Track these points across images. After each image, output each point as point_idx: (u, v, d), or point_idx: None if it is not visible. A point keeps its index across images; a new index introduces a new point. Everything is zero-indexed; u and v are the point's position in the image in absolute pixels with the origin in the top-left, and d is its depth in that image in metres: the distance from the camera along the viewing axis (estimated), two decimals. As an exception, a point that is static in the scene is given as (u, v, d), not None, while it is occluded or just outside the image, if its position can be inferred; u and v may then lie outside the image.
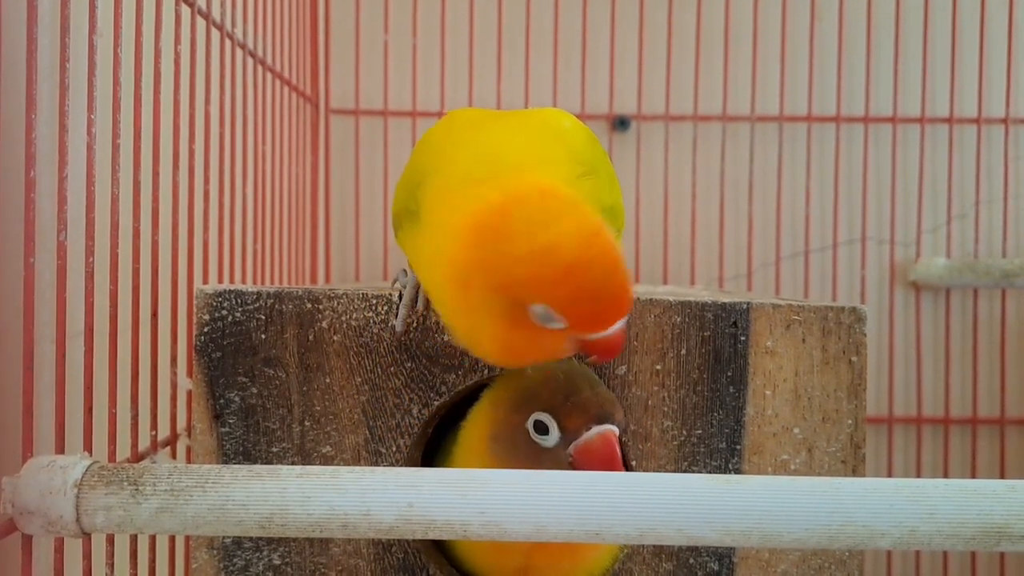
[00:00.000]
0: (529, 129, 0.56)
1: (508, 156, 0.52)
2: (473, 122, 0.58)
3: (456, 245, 0.47)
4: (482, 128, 0.56)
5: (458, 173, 0.51)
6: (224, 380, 0.56)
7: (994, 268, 1.10)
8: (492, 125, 0.57)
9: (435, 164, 0.53)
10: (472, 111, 0.63)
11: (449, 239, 0.48)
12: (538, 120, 0.57)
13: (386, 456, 0.57)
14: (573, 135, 0.55)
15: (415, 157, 0.58)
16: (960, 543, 0.40)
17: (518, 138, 0.54)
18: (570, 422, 0.52)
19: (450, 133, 0.57)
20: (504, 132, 0.56)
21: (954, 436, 1.15)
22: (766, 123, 1.14)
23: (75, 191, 0.49)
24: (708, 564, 0.58)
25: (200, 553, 0.57)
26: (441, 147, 0.55)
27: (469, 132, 0.56)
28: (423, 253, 0.52)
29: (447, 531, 0.41)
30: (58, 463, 0.42)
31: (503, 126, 0.57)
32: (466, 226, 0.47)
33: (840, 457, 0.58)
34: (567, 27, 1.14)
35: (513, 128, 0.56)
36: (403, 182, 0.58)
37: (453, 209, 0.48)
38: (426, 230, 0.51)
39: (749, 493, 0.40)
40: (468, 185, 0.49)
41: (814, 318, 0.57)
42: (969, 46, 1.14)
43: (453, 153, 0.53)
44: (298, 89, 1.00)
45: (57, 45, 0.48)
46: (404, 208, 0.56)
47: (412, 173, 0.56)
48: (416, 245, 0.53)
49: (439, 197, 0.51)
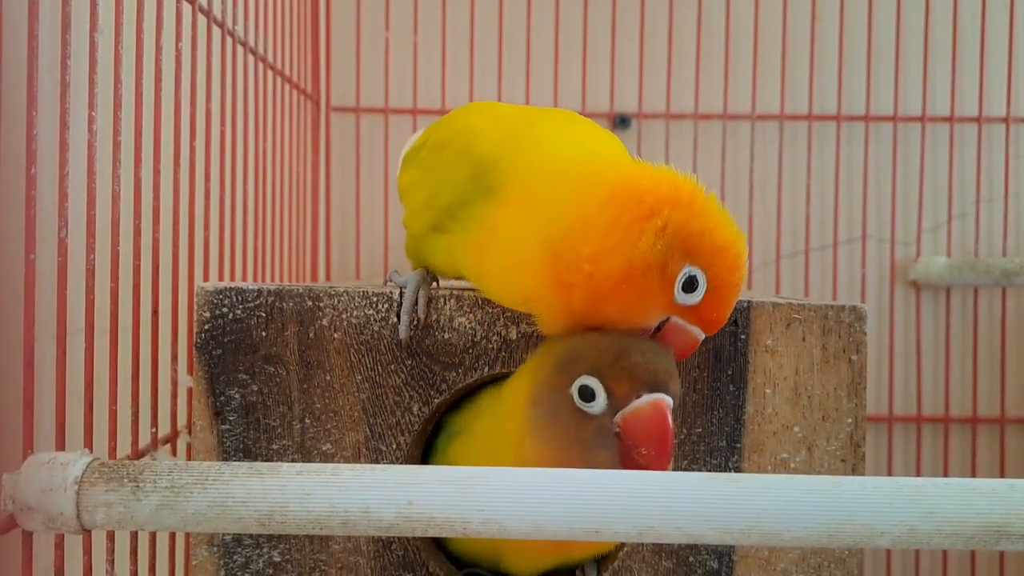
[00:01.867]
0: (589, 124, 0.57)
1: (603, 151, 0.54)
2: (527, 117, 0.58)
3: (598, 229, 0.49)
4: (546, 121, 0.57)
5: (553, 169, 0.52)
6: (224, 377, 0.56)
7: (994, 267, 1.10)
8: (551, 119, 0.57)
9: (509, 162, 0.53)
10: (494, 105, 0.63)
11: (577, 228, 0.49)
12: (577, 116, 0.58)
13: (386, 454, 0.57)
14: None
15: (449, 157, 0.57)
16: (960, 542, 0.40)
17: (590, 131, 0.56)
18: (618, 387, 0.48)
19: (506, 127, 0.56)
20: (574, 126, 0.57)
21: (954, 435, 1.15)
22: (767, 122, 1.14)
23: (76, 188, 0.49)
24: (708, 562, 0.58)
25: (200, 550, 0.57)
26: (511, 143, 0.54)
27: (537, 126, 0.56)
28: (502, 245, 0.52)
29: (447, 529, 0.41)
30: (59, 460, 0.42)
31: (567, 121, 0.57)
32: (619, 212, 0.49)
33: (840, 456, 0.58)
34: (568, 25, 1.14)
35: (578, 123, 0.57)
36: (437, 184, 0.57)
37: (577, 202, 0.50)
38: (512, 224, 0.51)
39: (749, 491, 0.40)
40: (581, 178, 0.51)
41: (814, 317, 0.57)
42: (970, 45, 1.14)
43: (533, 149, 0.53)
44: (299, 87, 1.00)
45: (58, 42, 0.48)
46: (445, 209, 0.55)
47: (454, 173, 0.56)
48: (479, 241, 0.53)
49: (534, 193, 0.51)
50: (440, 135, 0.60)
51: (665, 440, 0.47)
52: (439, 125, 0.62)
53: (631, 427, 0.47)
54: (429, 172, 0.59)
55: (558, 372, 0.50)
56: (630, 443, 0.48)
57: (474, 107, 0.64)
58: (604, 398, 0.48)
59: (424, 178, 0.59)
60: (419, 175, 0.60)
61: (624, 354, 0.48)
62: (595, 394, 0.48)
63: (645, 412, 0.47)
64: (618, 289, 0.49)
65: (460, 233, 0.54)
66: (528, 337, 0.57)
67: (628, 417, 0.47)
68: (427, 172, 0.59)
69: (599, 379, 0.48)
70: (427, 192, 0.58)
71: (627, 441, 0.48)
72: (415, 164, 0.62)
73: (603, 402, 0.48)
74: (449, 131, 0.59)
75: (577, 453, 0.49)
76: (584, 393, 0.49)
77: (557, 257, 0.49)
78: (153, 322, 0.59)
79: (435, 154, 0.59)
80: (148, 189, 0.58)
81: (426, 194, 0.58)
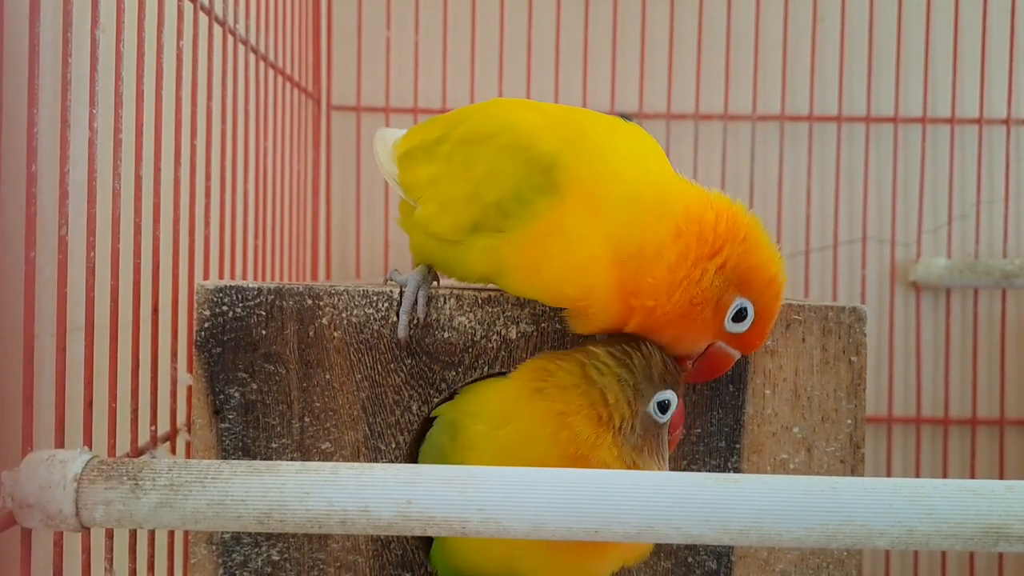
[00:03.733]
0: (633, 129, 0.58)
1: (657, 167, 0.55)
2: (574, 116, 0.58)
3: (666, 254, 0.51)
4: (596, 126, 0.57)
5: (619, 180, 0.53)
6: (224, 376, 0.56)
7: (994, 268, 1.10)
8: (600, 124, 0.57)
9: (570, 163, 0.53)
10: (531, 102, 0.62)
11: (647, 254, 0.51)
12: (618, 121, 0.58)
13: (385, 453, 0.57)
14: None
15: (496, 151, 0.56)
16: (959, 543, 0.40)
17: (639, 140, 0.57)
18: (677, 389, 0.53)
19: (560, 126, 0.56)
20: (625, 134, 0.57)
21: (953, 436, 1.15)
22: (767, 122, 1.14)
23: (76, 186, 0.49)
24: (706, 562, 0.58)
25: (199, 548, 0.57)
26: (570, 144, 0.54)
27: (588, 129, 0.56)
28: (571, 240, 0.52)
29: (445, 528, 0.41)
30: (58, 457, 0.42)
31: (615, 127, 0.57)
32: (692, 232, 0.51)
33: (839, 457, 0.58)
34: (569, 24, 1.14)
35: (623, 130, 0.57)
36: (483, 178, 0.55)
37: (644, 226, 0.51)
38: (583, 222, 0.52)
39: (748, 492, 0.40)
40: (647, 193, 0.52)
41: (814, 318, 0.57)
42: (971, 46, 1.14)
43: (594, 155, 0.54)
44: (300, 85, 1.00)
45: (59, 40, 0.48)
46: (495, 205, 0.54)
47: (506, 167, 0.55)
48: (540, 234, 0.53)
49: (600, 201, 0.52)
50: (474, 128, 0.57)
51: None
52: (459, 119, 0.59)
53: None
54: (467, 166, 0.56)
55: (637, 398, 0.52)
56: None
57: (509, 102, 0.63)
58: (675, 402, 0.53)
59: (462, 172, 0.57)
60: (448, 169, 0.58)
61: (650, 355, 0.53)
62: (669, 404, 0.53)
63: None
64: (675, 323, 0.52)
65: (513, 230, 0.53)
66: (527, 337, 0.57)
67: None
68: (464, 166, 0.57)
69: (671, 388, 0.53)
70: (468, 186, 0.56)
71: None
72: (434, 158, 0.59)
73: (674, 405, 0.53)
74: (490, 125, 0.57)
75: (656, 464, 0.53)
76: (662, 406, 0.53)
77: (624, 267, 0.51)
78: (153, 320, 0.59)
79: (473, 148, 0.57)
80: (149, 187, 0.58)
81: (467, 189, 0.56)
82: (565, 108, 0.59)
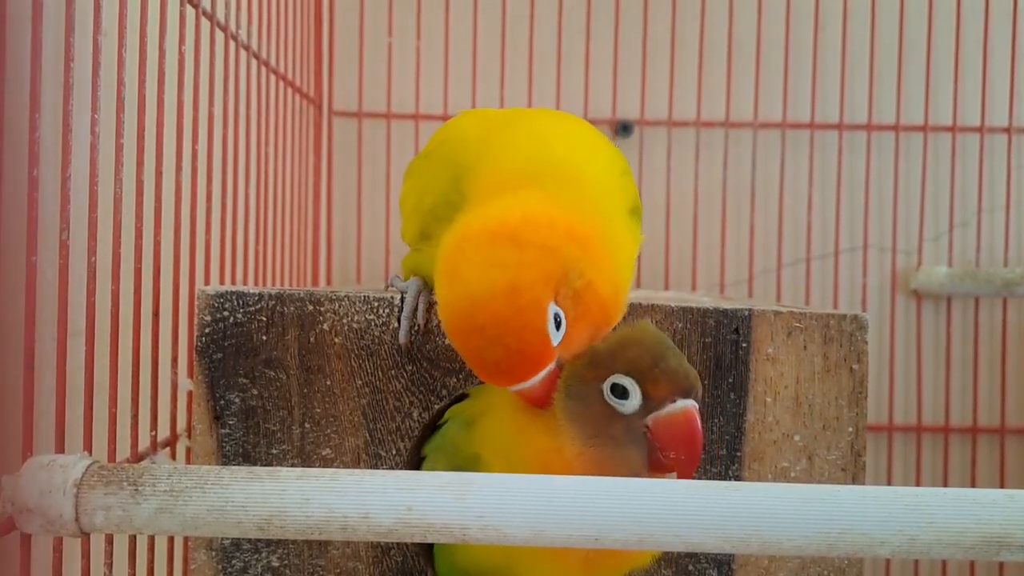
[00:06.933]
0: (561, 125, 0.57)
1: (554, 154, 0.53)
2: (509, 119, 0.58)
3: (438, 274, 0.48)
4: (513, 127, 0.56)
5: (505, 171, 0.52)
6: (225, 381, 0.56)
7: (995, 277, 1.10)
8: (527, 122, 0.57)
9: (479, 168, 0.53)
10: (486, 110, 0.63)
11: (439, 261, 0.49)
12: (570, 117, 0.58)
13: (386, 459, 0.57)
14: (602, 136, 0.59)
15: (435, 162, 0.58)
16: (959, 552, 0.40)
17: (556, 136, 0.56)
18: (656, 390, 0.48)
19: (486, 131, 0.56)
20: (542, 129, 0.56)
21: (954, 445, 1.15)
22: (768, 130, 1.14)
23: (78, 190, 0.49)
24: (707, 571, 0.58)
25: (199, 554, 0.57)
26: (485, 148, 0.54)
27: (508, 130, 0.56)
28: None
29: (445, 535, 0.41)
30: (58, 462, 0.42)
31: (536, 124, 0.57)
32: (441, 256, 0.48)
33: (840, 465, 0.58)
34: (571, 31, 1.14)
35: (547, 126, 0.57)
36: (423, 189, 0.57)
37: (465, 224, 0.49)
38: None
39: (749, 500, 0.40)
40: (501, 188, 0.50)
41: (815, 325, 0.57)
42: (972, 55, 1.14)
43: (496, 153, 0.53)
44: (301, 91, 1.01)
45: (61, 45, 0.48)
46: (430, 213, 0.55)
47: (440, 177, 0.56)
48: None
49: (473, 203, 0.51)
50: (430, 142, 0.61)
51: (697, 446, 0.48)
52: (435, 134, 0.62)
53: (664, 431, 0.48)
54: (419, 178, 0.60)
55: (591, 366, 0.49)
56: (660, 446, 0.48)
57: (467, 112, 0.64)
58: (639, 398, 0.48)
59: (415, 184, 0.60)
60: (412, 183, 0.61)
61: (662, 358, 0.49)
62: (628, 393, 0.49)
63: (679, 418, 0.48)
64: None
65: (439, 238, 0.54)
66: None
67: (662, 421, 0.48)
68: (417, 178, 0.60)
69: (636, 380, 0.48)
70: (415, 197, 0.59)
71: (658, 443, 0.48)
72: (410, 174, 0.62)
73: (637, 402, 0.49)
74: (437, 137, 0.60)
75: (609, 450, 0.49)
76: (616, 391, 0.49)
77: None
78: (154, 325, 0.59)
79: (424, 161, 0.60)
80: (150, 192, 0.58)
81: (413, 199, 0.59)
82: (510, 112, 0.61)
